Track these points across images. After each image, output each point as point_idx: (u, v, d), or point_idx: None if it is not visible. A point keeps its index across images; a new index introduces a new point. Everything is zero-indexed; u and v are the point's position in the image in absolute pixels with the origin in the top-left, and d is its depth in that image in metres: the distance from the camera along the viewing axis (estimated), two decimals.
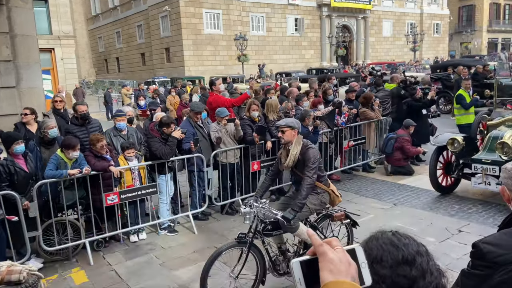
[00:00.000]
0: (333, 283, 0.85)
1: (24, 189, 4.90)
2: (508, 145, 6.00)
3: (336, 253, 0.90)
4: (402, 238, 1.13)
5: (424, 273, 1.07)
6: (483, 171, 6.22)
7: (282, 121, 4.39)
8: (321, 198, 4.31)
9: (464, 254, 4.75)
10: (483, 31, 54.88)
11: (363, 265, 0.94)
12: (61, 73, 21.83)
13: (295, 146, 4.15)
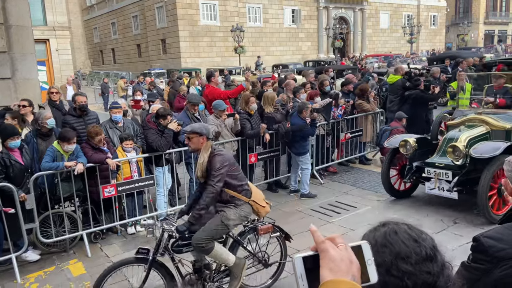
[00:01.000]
0: (331, 282, 0.84)
1: (20, 181, 4.89)
2: (459, 149, 5.50)
3: (338, 251, 0.88)
4: (419, 232, 1.12)
5: (443, 267, 1.07)
6: (436, 175, 5.77)
7: (188, 127, 3.96)
8: (240, 212, 3.82)
9: (460, 245, 4.80)
10: (479, 23, 54.81)
11: (369, 262, 0.92)
12: (56, 64, 21.68)
13: (202, 154, 3.76)
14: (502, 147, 5.21)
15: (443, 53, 26.48)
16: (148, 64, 37.18)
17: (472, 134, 5.82)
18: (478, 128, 5.96)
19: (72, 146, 5.12)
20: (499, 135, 5.91)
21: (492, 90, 6.88)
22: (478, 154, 5.28)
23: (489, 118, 6.04)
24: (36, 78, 7.62)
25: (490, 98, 6.64)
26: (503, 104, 6.52)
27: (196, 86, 13.84)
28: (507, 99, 6.55)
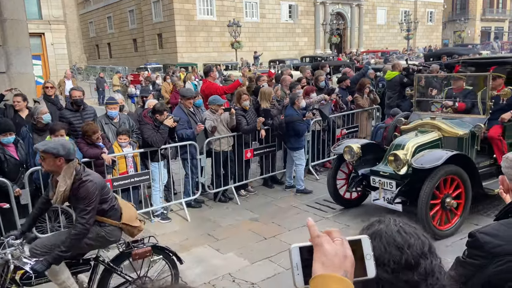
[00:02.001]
0: (321, 276, 0.86)
1: (15, 176, 4.87)
2: (399, 158, 5.07)
3: (333, 245, 0.89)
4: (408, 236, 1.08)
5: (426, 276, 1.05)
6: (381, 185, 5.34)
7: (41, 145, 3.31)
8: (108, 236, 3.44)
9: (454, 241, 4.83)
10: (476, 20, 54.89)
11: (367, 257, 0.92)
12: (51, 58, 21.50)
13: (62, 180, 3.17)
14: (444, 157, 4.79)
15: (439, 50, 26.50)
16: (144, 59, 37.00)
17: (421, 141, 5.40)
18: (429, 134, 5.55)
19: (60, 138, 5.07)
20: (451, 142, 5.52)
21: (452, 92, 6.48)
22: (419, 165, 4.84)
23: (442, 123, 5.65)
24: (31, 72, 7.56)
25: (449, 101, 6.26)
26: (462, 109, 6.15)
27: (192, 81, 13.79)
28: (467, 103, 6.18)
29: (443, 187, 4.98)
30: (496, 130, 5.76)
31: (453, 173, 4.98)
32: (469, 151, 5.56)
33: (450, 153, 4.93)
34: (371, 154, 5.81)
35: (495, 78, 5.86)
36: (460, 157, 5.12)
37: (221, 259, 4.84)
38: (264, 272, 4.43)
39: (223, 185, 6.70)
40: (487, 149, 5.86)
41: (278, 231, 5.49)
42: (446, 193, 5.01)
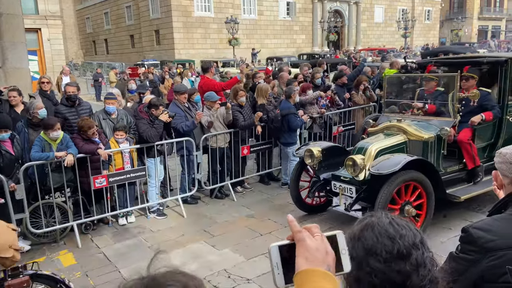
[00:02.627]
0: (305, 271, 0.86)
1: (10, 171, 4.85)
2: (356, 163, 4.80)
3: (314, 241, 0.89)
4: (399, 228, 1.10)
5: (418, 267, 1.05)
6: (341, 190, 5.09)
7: None
8: None
9: (449, 238, 4.85)
10: (473, 19, 55.00)
11: (343, 252, 0.93)
12: (48, 54, 21.38)
13: None
14: (401, 163, 4.52)
15: (436, 48, 26.56)
16: (142, 55, 36.89)
17: (384, 145, 5.14)
18: (394, 138, 5.27)
19: (57, 132, 5.07)
20: (416, 146, 5.25)
21: (424, 94, 6.20)
22: (376, 170, 4.58)
23: (408, 126, 5.36)
24: (26, 67, 7.54)
25: (419, 103, 5.99)
26: (432, 111, 5.84)
27: (189, 77, 13.76)
28: (437, 104, 5.89)
29: (404, 194, 4.71)
30: (465, 133, 5.48)
31: (413, 179, 4.71)
32: (434, 156, 5.28)
33: (409, 158, 4.65)
34: (336, 157, 5.45)
35: (467, 79, 5.60)
36: (422, 162, 4.85)
37: (217, 255, 4.84)
38: (259, 268, 4.44)
39: (220, 182, 6.69)
40: (458, 153, 5.61)
41: (274, 227, 5.50)
42: (406, 200, 4.72)
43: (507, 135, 5.92)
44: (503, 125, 5.86)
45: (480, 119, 5.44)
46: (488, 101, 5.60)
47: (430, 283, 1.07)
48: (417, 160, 4.79)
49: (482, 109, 5.55)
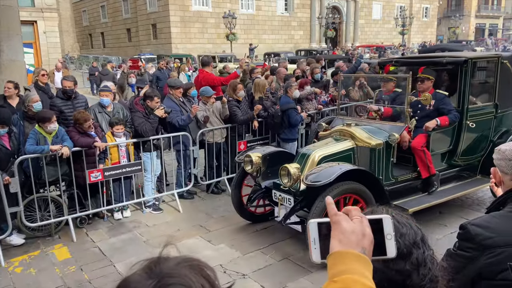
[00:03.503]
0: (338, 252, 0.87)
1: (5, 165, 4.80)
2: (290, 172, 4.38)
3: (351, 224, 0.90)
4: (400, 226, 1.07)
5: (418, 266, 1.04)
6: (280, 200, 4.67)
7: None
8: None
9: (445, 235, 4.86)
10: (471, 16, 55.06)
11: (388, 237, 0.93)
12: (43, 47, 21.24)
13: None
14: (335, 174, 4.12)
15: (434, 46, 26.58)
16: (138, 49, 36.69)
17: (330, 151, 4.74)
18: (342, 144, 4.88)
19: (54, 125, 5.02)
20: (364, 153, 4.85)
21: (382, 95, 5.90)
22: (310, 181, 4.19)
23: (356, 131, 4.93)
24: (22, 60, 7.46)
25: (374, 106, 5.66)
26: (388, 114, 5.49)
27: (186, 72, 13.69)
28: (394, 107, 5.56)
29: (342, 207, 4.40)
30: (419, 140, 5.08)
31: (353, 191, 4.31)
32: (383, 164, 4.83)
33: (345, 168, 4.25)
34: (283, 163, 4.75)
35: (422, 81, 5.21)
36: (363, 173, 4.45)
37: (213, 250, 4.83)
38: (255, 264, 4.43)
39: (216, 177, 6.67)
40: (413, 161, 5.22)
41: (270, 223, 5.48)
42: None
43: (467, 142, 5.47)
44: (463, 131, 5.38)
45: (434, 125, 5.06)
46: (445, 105, 5.18)
47: (430, 282, 1.05)
48: (358, 170, 4.40)
49: (438, 113, 5.15)
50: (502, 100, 5.68)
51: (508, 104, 5.86)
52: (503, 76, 5.62)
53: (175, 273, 0.76)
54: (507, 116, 5.96)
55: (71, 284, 4.20)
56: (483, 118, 5.57)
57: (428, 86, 5.22)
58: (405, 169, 5.23)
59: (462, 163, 5.59)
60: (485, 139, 5.71)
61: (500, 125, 5.85)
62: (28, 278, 4.34)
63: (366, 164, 4.79)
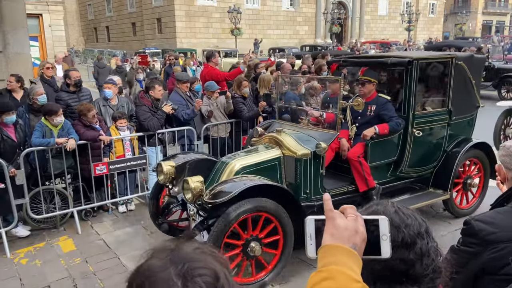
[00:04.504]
0: (328, 246, 0.90)
1: (11, 157, 4.84)
2: (190, 186, 3.88)
3: (344, 220, 0.93)
4: (405, 217, 1.10)
5: (422, 256, 1.06)
6: (192, 215, 4.16)
7: None
8: None
9: (449, 232, 4.87)
10: (478, 13, 54.62)
11: (383, 237, 0.96)
12: (49, 40, 21.28)
13: None
14: (236, 191, 3.59)
15: (440, 42, 26.41)
16: (143, 43, 36.70)
17: (252, 161, 4.22)
18: (269, 152, 4.35)
19: (61, 118, 5.06)
20: (290, 164, 4.29)
21: (327, 98, 5.30)
22: (209, 198, 3.71)
23: (285, 139, 4.37)
24: (28, 53, 7.48)
25: (315, 111, 5.04)
26: (331, 120, 4.81)
27: (191, 66, 13.69)
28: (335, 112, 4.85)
29: (251, 227, 3.78)
30: (356, 149, 4.57)
31: (264, 210, 3.76)
32: (310, 176, 4.26)
33: (249, 184, 3.71)
34: (207, 172, 4.30)
35: (363, 84, 4.70)
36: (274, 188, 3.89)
37: None
38: None
39: None
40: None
41: None
42: (252, 235, 3.79)
43: (415, 152, 4.85)
44: (408, 140, 4.77)
45: (373, 133, 4.49)
46: (386, 111, 4.60)
47: (433, 273, 1.07)
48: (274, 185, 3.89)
49: (380, 120, 4.62)
50: (457, 106, 5.05)
51: (464, 110, 5.25)
52: (458, 79, 4.99)
53: (196, 258, 0.76)
54: (464, 124, 5.32)
55: (76, 275, 4.24)
56: (434, 126, 4.95)
57: (370, 90, 4.70)
58: (342, 181, 4.68)
59: (414, 174, 5.04)
60: (437, 149, 5.09)
61: (456, 134, 5.21)
62: (33, 269, 4.39)
63: (292, 176, 4.28)
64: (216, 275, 0.74)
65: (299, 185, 4.26)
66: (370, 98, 4.71)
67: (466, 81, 5.16)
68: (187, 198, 3.97)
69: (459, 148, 5.10)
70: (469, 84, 5.21)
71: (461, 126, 5.29)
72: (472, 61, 5.24)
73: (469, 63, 5.12)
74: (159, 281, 0.71)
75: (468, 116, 5.39)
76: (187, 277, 0.72)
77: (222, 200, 3.61)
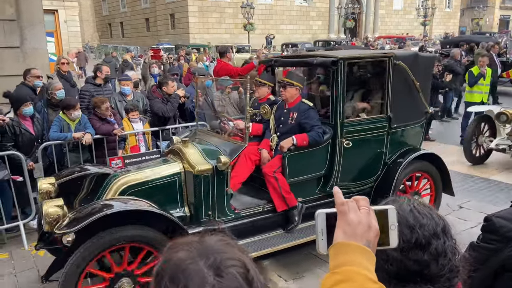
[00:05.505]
0: (341, 243, 0.86)
1: (29, 150, 4.94)
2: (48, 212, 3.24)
3: (358, 214, 0.88)
4: (420, 216, 1.08)
5: (437, 256, 1.04)
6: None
7: None
8: None
9: (464, 229, 4.81)
10: (495, 8, 53.53)
11: (392, 227, 0.93)
12: (64, 36, 21.53)
13: None
14: (87, 221, 2.92)
15: (457, 37, 25.98)
16: (156, 39, 36.90)
17: (143, 177, 3.61)
18: (168, 167, 3.76)
19: (78, 112, 5.15)
20: (190, 181, 3.69)
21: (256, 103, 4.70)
22: (58, 229, 3.05)
23: (189, 151, 3.79)
24: (45, 48, 7.58)
25: (240, 121, 4.44)
26: (258, 132, 4.46)
27: (204, 62, 13.74)
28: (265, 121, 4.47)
29: (126, 262, 3.24)
30: (273, 163, 4.03)
31: (140, 238, 3.17)
32: (213, 195, 3.69)
33: (106, 211, 3.03)
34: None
35: (285, 87, 4.19)
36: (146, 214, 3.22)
37: None
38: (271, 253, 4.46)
39: None
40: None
41: None
42: (126, 270, 3.23)
43: (347, 165, 4.24)
44: (337, 151, 4.16)
45: (290, 144, 3.95)
46: (307, 119, 4.06)
47: (450, 272, 1.05)
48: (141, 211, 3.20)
49: (301, 129, 4.09)
50: (398, 112, 4.40)
51: (408, 117, 4.60)
52: (398, 81, 4.34)
53: (223, 249, 0.76)
54: (410, 132, 4.69)
55: None
56: (368, 135, 4.32)
57: (292, 94, 4.16)
58: (257, 199, 4.13)
59: (354, 189, 4.41)
60: (376, 161, 4.47)
61: (399, 143, 4.59)
62: (50, 261, 4.46)
63: (193, 195, 3.73)
64: (246, 266, 0.75)
65: (199, 206, 3.66)
66: (293, 103, 4.18)
67: (408, 84, 4.46)
68: (46, 228, 3.25)
69: (402, 160, 4.45)
70: (413, 87, 4.51)
71: (405, 135, 4.64)
72: (416, 61, 4.54)
73: (412, 63, 4.43)
74: (192, 274, 0.72)
75: (414, 124, 4.71)
76: (220, 268, 0.72)
77: (66, 232, 2.98)
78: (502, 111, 6.79)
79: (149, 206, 3.32)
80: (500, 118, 6.76)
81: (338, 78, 4.02)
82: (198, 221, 3.71)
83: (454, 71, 9.63)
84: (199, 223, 3.71)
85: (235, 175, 3.99)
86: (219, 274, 0.72)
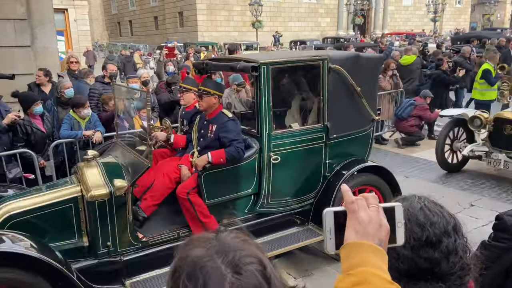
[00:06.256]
0: (352, 243, 0.84)
1: (42, 148, 5.00)
2: None
3: (368, 213, 0.86)
4: (431, 214, 1.07)
5: (448, 254, 1.03)
6: None
7: None
8: None
9: (475, 228, 4.76)
10: (506, 3, 52.73)
11: (399, 225, 0.91)
12: (74, 34, 21.74)
13: None
14: None
15: (467, 33, 25.68)
16: (165, 37, 37.01)
17: (30, 204, 3.05)
18: (63, 190, 3.22)
19: (88, 110, 5.20)
20: (88, 209, 3.20)
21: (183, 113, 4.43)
22: None
23: (89, 171, 3.30)
24: (55, 47, 7.67)
25: (160, 133, 4.00)
26: (181, 144, 4.10)
27: None
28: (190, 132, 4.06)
29: None
30: (188, 183, 3.59)
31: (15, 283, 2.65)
32: (112, 224, 3.18)
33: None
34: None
35: (201, 96, 3.73)
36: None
37: None
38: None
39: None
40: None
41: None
42: None
43: (277, 182, 3.83)
44: (265, 167, 3.74)
45: (205, 162, 3.53)
46: (226, 133, 3.62)
47: (461, 270, 1.05)
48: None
49: (221, 143, 3.68)
50: (337, 121, 3.98)
51: (350, 126, 4.17)
52: (336, 86, 3.91)
53: (239, 247, 0.75)
54: (353, 143, 4.24)
55: None
56: (303, 147, 3.89)
57: (210, 104, 3.71)
58: (172, 224, 3.65)
59: (296, 205, 4.05)
60: (315, 176, 4.05)
61: (340, 156, 4.14)
62: None
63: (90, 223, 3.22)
64: (263, 263, 0.74)
65: (95, 236, 3.14)
66: (213, 114, 3.76)
67: (348, 90, 4.02)
68: None
69: (345, 172, 4.01)
70: (354, 93, 4.05)
71: (348, 146, 4.20)
72: (356, 63, 4.08)
73: (351, 65, 3.99)
74: (210, 271, 0.71)
75: (357, 133, 4.26)
76: (239, 266, 0.72)
77: None
78: (475, 115, 6.21)
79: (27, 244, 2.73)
80: (474, 122, 6.17)
81: (261, 85, 3.57)
82: (95, 253, 3.16)
83: (463, 68, 9.59)
84: (96, 255, 3.16)
85: (151, 195, 3.61)
86: (237, 272, 0.71)
